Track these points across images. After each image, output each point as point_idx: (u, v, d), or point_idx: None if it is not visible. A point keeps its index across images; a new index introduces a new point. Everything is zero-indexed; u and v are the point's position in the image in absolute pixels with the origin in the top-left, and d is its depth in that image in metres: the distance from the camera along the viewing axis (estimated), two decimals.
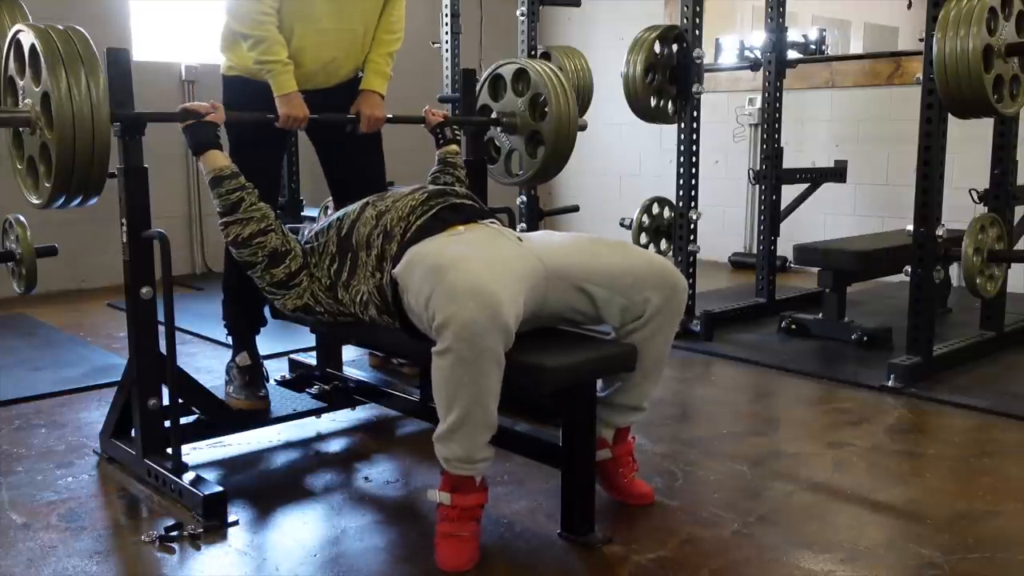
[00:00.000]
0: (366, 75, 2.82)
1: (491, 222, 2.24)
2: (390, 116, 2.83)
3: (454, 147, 2.87)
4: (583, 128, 2.95)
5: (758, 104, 5.58)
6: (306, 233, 2.44)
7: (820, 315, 4.01)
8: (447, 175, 2.81)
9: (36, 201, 2.16)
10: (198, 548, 2.05)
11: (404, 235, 2.12)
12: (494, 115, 3.01)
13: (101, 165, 2.06)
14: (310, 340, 3.41)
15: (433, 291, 1.85)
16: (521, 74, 2.92)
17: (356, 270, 2.20)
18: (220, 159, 2.35)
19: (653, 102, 3.96)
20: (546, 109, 2.86)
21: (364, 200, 2.32)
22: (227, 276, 2.82)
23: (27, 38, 2.04)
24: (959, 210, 4.20)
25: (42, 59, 1.99)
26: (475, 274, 1.84)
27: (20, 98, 2.13)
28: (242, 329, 2.82)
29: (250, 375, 2.78)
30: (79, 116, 1.99)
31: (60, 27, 2.05)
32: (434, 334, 1.85)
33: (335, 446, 2.75)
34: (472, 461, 1.92)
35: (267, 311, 2.73)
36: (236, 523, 2.17)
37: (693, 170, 4.01)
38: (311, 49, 2.67)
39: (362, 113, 2.75)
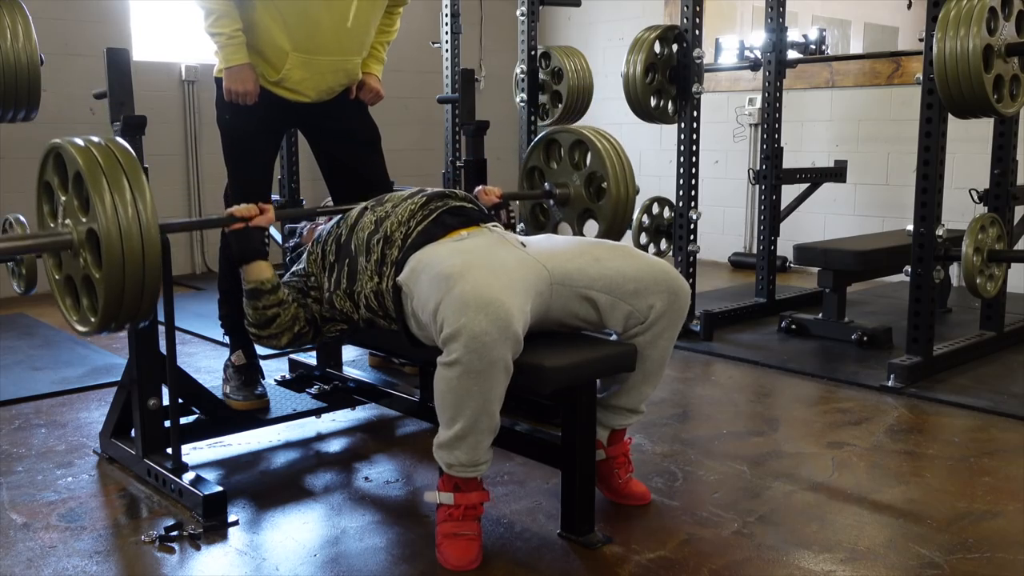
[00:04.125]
0: (367, 61, 2.87)
1: (493, 226, 2.23)
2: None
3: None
4: (637, 193, 2.80)
5: (758, 104, 5.59)
6: (304, 231, 2.44)
7: (820, 315, 4.01)
8: None
9: (82, 329, 2.01)
10: (198, 548, 2.05)
11: (405, 240, 2.10)
12: (546, 184, 2.85)
13: (153, 292, 1.91)
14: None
15: (441, 302, 1.83)
16: (579, 145, 2.76)
17: (356, 275, 2.18)
18: (265, 271, 2.20)
19: (653, 102, 3.96)
20: (603, 186, 2.72)
21: (362, 205, 2.31)
22: (222, 276, 2.82)
23: (71, 161, 1.85)
24: (959, 210, 4.20)
25: (87, 184, 1.81)
26: (484, 285, 1.82)
27: (59, 212, 1.96)
28: (239, 328, 2.82)
29: (246, 374, 2.79)
30: (128, 246, 1.81)
31: (102, 143, 1.88)
32: (441, 344, 1.83)
33: (335, 446, 2.75)
34: (476, 465, 1.92)
35: None
36: (236, 523, 2.17)
37: (693, 170, 4.01)
38: (307, 78, 2.69)
39: (365, 85, 2.84)
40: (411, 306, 2.01)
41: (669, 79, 3.97)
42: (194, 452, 2.63)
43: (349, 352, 3.34)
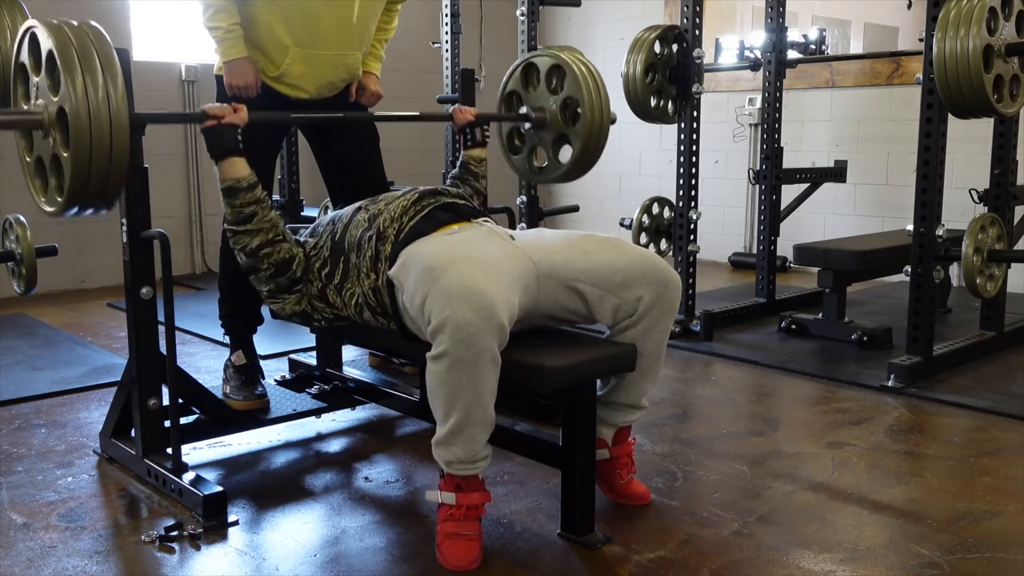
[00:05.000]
0: (366, 59, 2.88)
1: (484, 221, 2.24)
2: (417, 115, 2.84)
3: (481, 152, 2.75)
4: (613, 122, 2.80)
5: (758, 104, 5.59)
6: (304, 236, 2.44)
7: (820, 315, 4.01)
8: (467, 184, 2.72)
9: (48, 209, 2.03)
10: (198, 548, 2.05)
11: (397, 236, 2.12)
12: (523, 107, 2.85)
13: (118, 176, 1.92)
14: (310, 340, 3.41)
15: (427, 294, 1.85)
16: (556, 70, 2.76)
17: (349, 273, 2.20)
18: (241, 167, 2.26)
19: (653, 102, 3.97)
20: (578, 111, 2.73)
21: (356, 204, 2.33)
22: (223, 275, 2.82)
23: (44, 39, 1.88)
24: (959, 210, 4.20)
25: (59, 63, 1.84)
26: (468, 276, 1.84)
27: (32, 94, 2.00)
28: (238, 327, 2.83)
29: (246, 374, 2.79)
30: (96, 128, 1.83)
31: (76, 24, 1.90)
32: (429, 337, 1.84)
33: (335, 446, 2.75)
34: (474, 461, 1.93)
35: (265, 310, 2.73)
36: (236, 523, 2.17)
37: (693, 170, 4.01)
38: (308, 73, 2.70)
39: (366, 87, 2.87)
40: (402, 299, 2.02)
41: (669, 79, 3.97)
42: (194, 452, 2.63)
43: (349, 352, 3.34)
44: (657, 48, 3.92)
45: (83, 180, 1.86)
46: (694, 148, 4.00)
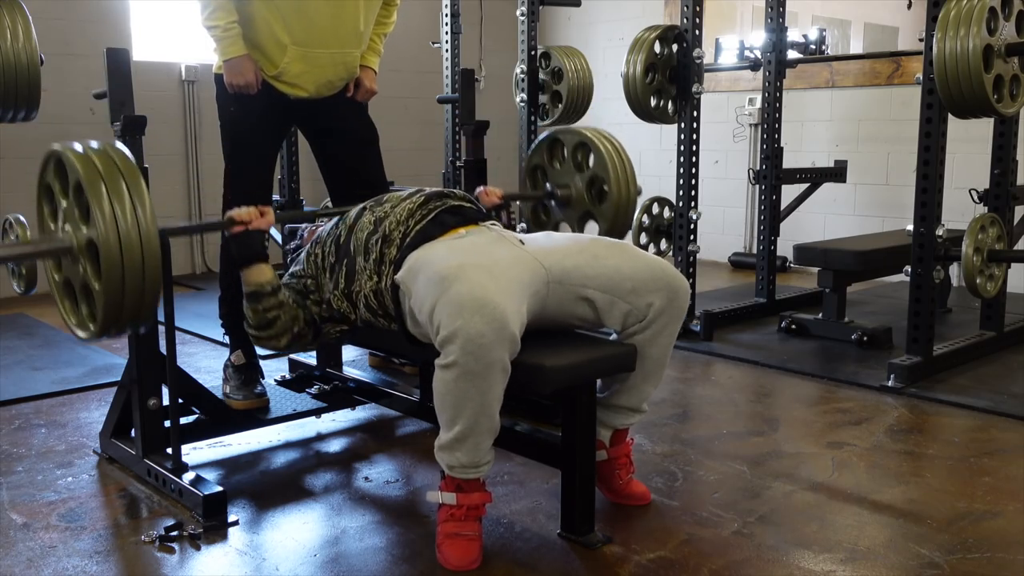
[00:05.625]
0: (365, 54, 2.88)
1: (492, 224, 2.23)
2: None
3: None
4: (639, 193, 2.76)
5: (758, 104, 5.59)
6: (304, 233, 2.43)
7: (820, 315, 4.01)
8: None
9: (81, 335, 1.95)
10: (198, 548, 2.05)
11: (404, 239, 2.10)
12: (548, 184, 2.82)
13: (152, 299, 1.85)
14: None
15: (437, 302, 1.83)
16: (582, 147, 2.73)
17: (354, 276, 2.18)
18: (266, 273, 2.18)
19: (653, 102, 3.96)
20: (604, 189, 2.68)
21: (361, 205, 2.30)
22: (223, 274, 2.82)
23: (71, 169, 1.81)
24: (959, 210, 4.20)
25: (86, 194, 1.77)
26: (479, 286, 1.82)
27: (59, 215, 1.92)
28: (238, 327, 2.82)
29: (246, 374, 2.79)
30: (128, 257, 1.77)
31: (100, 149, 1.84)
32: (438, 346, 1.83)
33: (335, 446, 2.75)
34: (477, 466, 1.92)
35: None
36: (236, 523, 2.17)
37: (693, 170, 4.01)
38: (306, 71, 2.70)
39: (362, 84, 2.86)
40: (409, 304, 2.01)
41: (669, 79, 3.97)
42: (194, 452, 2.63)
43: (349, 352, 3.34)
44: (657, 48, 3.91)
45: (116, 308, 1.82)
46: (694, 148, 4.00)
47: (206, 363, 3.64)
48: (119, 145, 1.88)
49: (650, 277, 2.07)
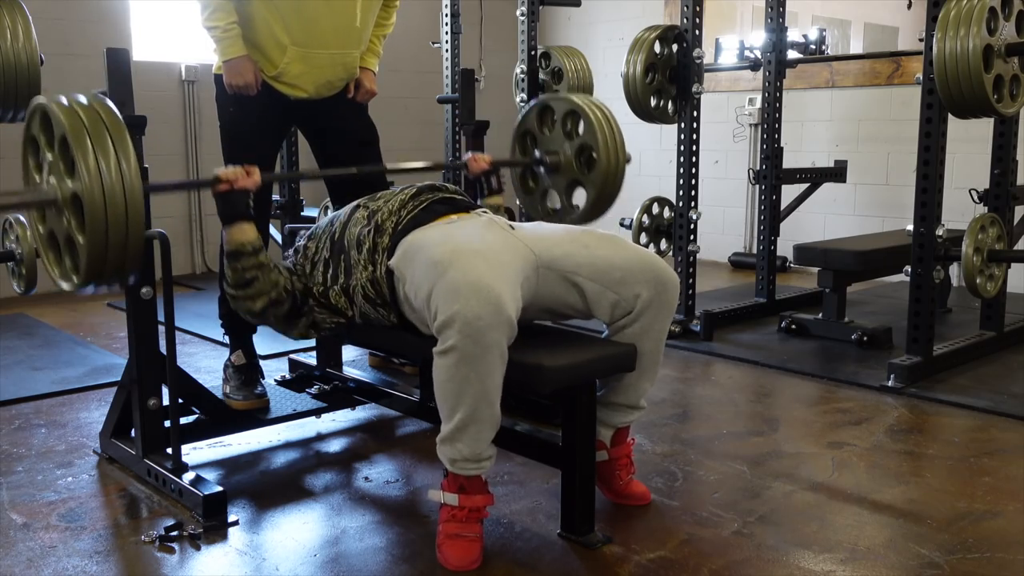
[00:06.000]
0: (364, 55, 2.88)
1: (482, 211, 2.25)
2: (430, 165, 2.81)
3: (498, 199, 2.68)
4: (628, 161, 2.73)
5: (758, 104, 5.59)
6: (303, 239, 2.43)
7: (820, 315, 4.01)
8: None
9: (64, 286, 1.96)
10: (198, 548, 2.05)
11: (396, 227, 2.13)
12: (536, 151, 2.80)
13: (136, 253, 1.85)
14: (310, 340, 3.40)
15: (434, 288, 1.85)
16: (572, 115, 2.71)
17: (351, 269, 2.19)
18: (248, 233, 2.19)
19: (653, 102, 3.97)
20: (593, 156, 2.66)
21: (355, 203, 2.32)
22: (222, 275, 2.81)
23: (56, 122, 1.82)
24: (959, 210, 4.20)
25: (71, 147, 1.78)
26: (475, 270, 1.84)
27: (44, 167, 1.93)
28: (238, 327, 2.83)
29: (246, 374, 2.79)
30: (112, 211, 1.77)
31: (86, 103, 1.84)
32: (436, 332, 1.84)
33: (335, 446, 2.75)
34: (479, 460, 1.92)
35: None
36: (236, 523, 2.17)
37: (693, 170, 4.01)
38: (308, 73, 2.70)
39: (362, 85, 2.87)
40: (404, 290, 2.02)
41: (669, 79, 3.97)
42: (194, 452, 2.63)
43: (349, 352, 3.34)
44: (657, 48, 3.91)
45: (100, 261, 1.82)
46: (694, 148, 4.00)
47: (206, 363, 3.64)
48: (104, 99, 1.87)
49: (639, 268, 2.08)
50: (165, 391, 2.38)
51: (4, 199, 2.01)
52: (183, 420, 2.52)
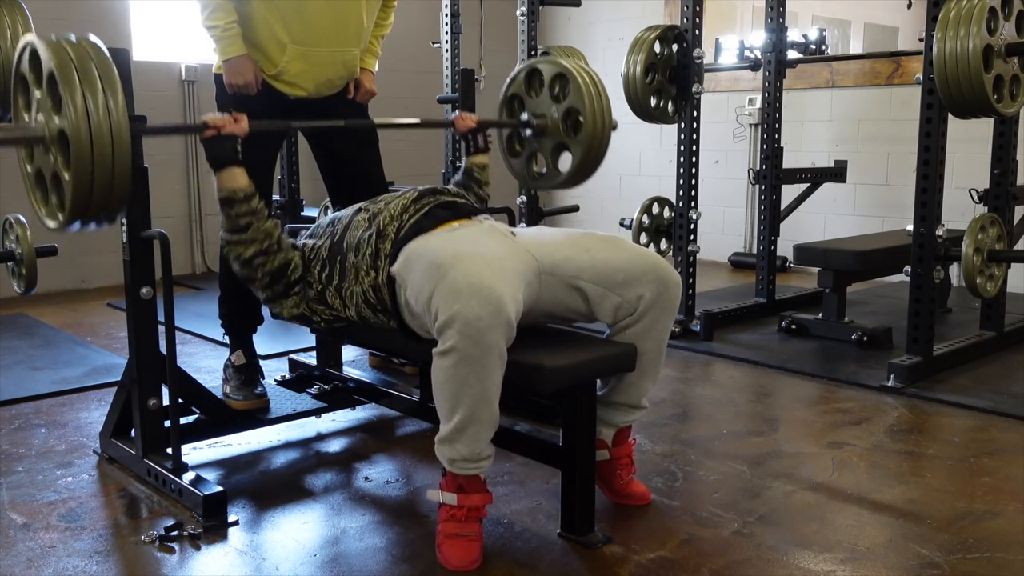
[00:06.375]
0: (364, 56, 2.88)
1: (484, 218, 2.25)
2: (417, 121, 2.81)
3: (484, 158, 2.72)
4: (615, 128, 2.73)
5: (758, 104, 5.59)
6: (303, 238, 2.43)
7: (820, 315, 4.01)
8: (470, 192, 2.69)
9: (50, 224, 1.97)
10: (198, 548, 2.05)
11: (398, 233, 2.12)
12: (524, 112, 2.80)
13: (122, 191, 1.86)
14: (310, 340, 3.41)
15: (434, 290, 1.85)
16: (560, 78, 2.70)
17: (347, 273, 2.19)
18: (239, 178, 2.21)
19: (653, 102, 3.97)
20: (580, 120, 2.67)
21: (356, 205, 2.32)
22: (223, 274, 2.82)
23: (45, 58, 1.82)
24: (959, 210, 4.21)
25: (59, 83, 1.79)
26: (475, 272, 1.84)
27: (33, 106, 1.94)
28: (238, 327, 2.83)
29: (246, 374, 2.79)
30: (98, 147, 1.78)
31: (75, 41, 1.85)
32: (436, 334, 1.85)
33: (335, 446, 2.75)
34: (477, 460, 1.93)
35: (265, 310, 2.73)
36: (236, 523, 2.17)
37: (693, 170, 4.01)
38: (309, 71, 2.70)
39: (362, 85, 2.87)
40: (405, 296, 2.02)
41: (669, 79, 3.97)
42: (194, 452, 2.63)
43: (349, 352, 3.34)
44: (657, 48, 3.92)
45: (85, 198, 1.83)
46: (694, 148, 4.00)
47: (206, 363, 3.64)
48: (93, 38, 1.88)
49: (641, 269, 2.08)
50: (165, 391, 2.38)
51: None
52: (183, 420, 2.52)
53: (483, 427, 1.89)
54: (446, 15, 4.76)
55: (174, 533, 2.09)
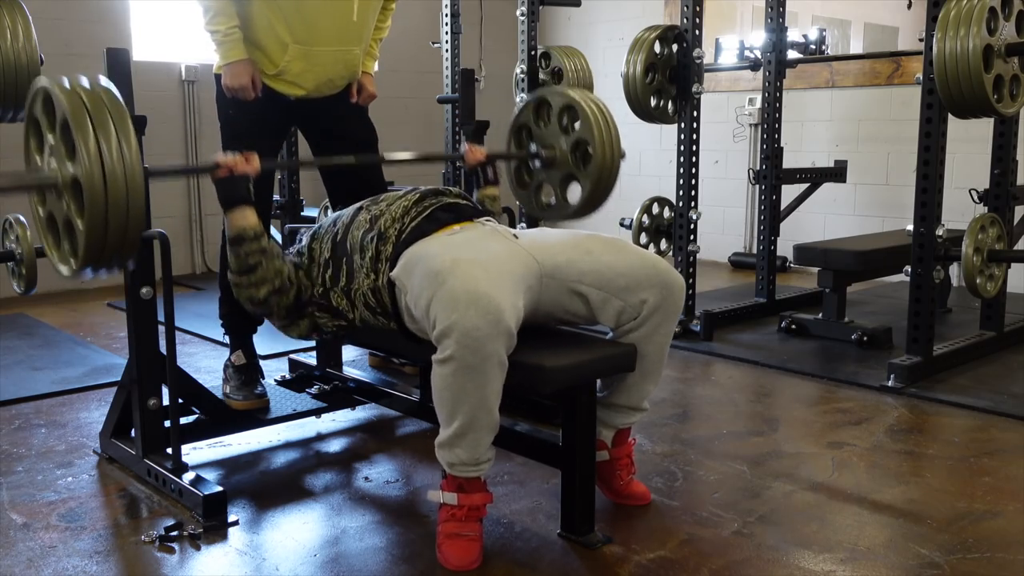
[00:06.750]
0: (363, 59, 2.88)
1: (486, 220, 2.24)
2: (428, 156, 2.79)
3: (494, 190, 2.69)
4: (623, 157, 2.70)
5: (758, 104, 5.59)
6: (304, 239, 2.43)
7: (820, 315, 4.01)
8: None
9: (62, 269, 1.95)
10: (198, 548, 2.05)
11: (399, 236, 2.11)
12: (533, 143, 2.78)
13: (135, 237, 1.84)
14: (310, 340, 3.40)
15: (433, 297, 1.84)
16: (569, 110, 2.69)
17: (352, 274, 2.19)
18: (250, 218, 2.17)
19: (653, 102, 3.97)
20: (589, 151, 2.65)
21: (358, 204, 2.31)
22: (223, 274, 2.82)
23: (58, 105, 1.81)
24: (959, 210, 4.20)
25: (72, 131, 1.77)
26: (474, 280, 1.83)
27: (46, 150, 1.92)
28: (238, 327, 2.83)
29: (246, 374, 2.79)
30: (112, 196, 1.75)
31: (88, 86, 1.83)
32: (435, 341, 1.84)
33: (335, 446, 2.75)
34: (477, 464, 1.92)
35: None
36: (236, 523, 2.17)
37: (693, 170, 4.01)
38: (308, 70, 2.70)
39: (364, 89, 2.88)
40: (405, 301, 2.01)
41: (669, 79, 3.97)
42: (194, 452, 2.63)
43: (349, 352, 3.34)
44: (657, 48, 3.92)
45: (99, 245, 1.81)
46: (694, 148, 4.00)
47: (206, 363, 3.64)
48: (106, 82, 1.86)
49: (644, 274, 2.07)
50: (165, 391, 2.38)
51: (3, 181, 1.99)
52: (183, 420, 2.52)
53: (482, 432, 1.89)
54: (446, 15, 4.76)
55: (174, 533, 2.09)
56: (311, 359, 3.19)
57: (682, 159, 4.01)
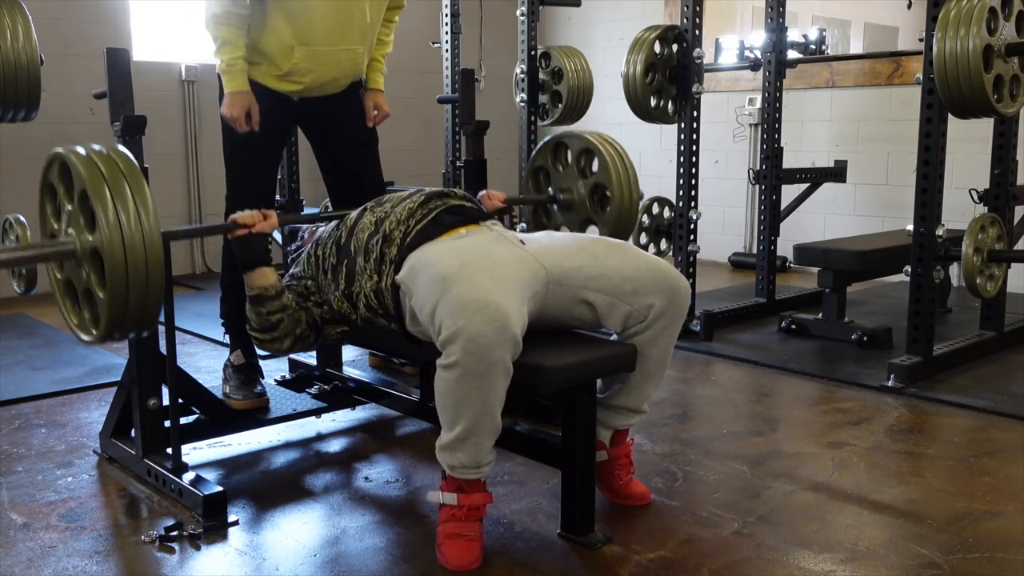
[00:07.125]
0: (372, 75, 2.93)
1: (493, 224, 2.23)
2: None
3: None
4: (641, 198, 2.74)
5: (758, 104, 5.59)
6: (305, 234, 2.43)
7: (820, 315, 4.01)
8: None
9: (84, 338, 1.95)
10: (198, 548, 2.05)
11: (404, 239, 2.10)
12: (550, 188, 2.81)
13: (155, 304, 1.84)
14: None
15: (438, 303, 1.83)
16: (587, 153, 2.71)
17: (354, 276, 2.19)
18: (269, 277, 2.18)
19: (653, 102, 3.96)
20: (607, 194, 2.67)
21: (362, 207, 2.31)
22: (224, 274, 2.82)
23: (76, 175, 1.80)
24: (959, 210, 4.20)
25: (91, 200, 1.76)
26: (481, 287, 1.82)
27: (63, 217, 1.91)
28: (238, 327, 2.83)
29: (246, 374, 2.79)
30: (132, 264, 1.75)
31: (105, 153, 1.82)
32: (440, 346, 1.83)
33: (335, 446, 2.75)
34: (478, 466, 1.92)
35: None
36: (236, 523, 2.17)
37: (693, 170, 4.01)
38: (313, 69, 2.71)
39: (379, 109, 2.92)
40: (409, 304, 2.01)
41: (669, 79, 3.96)
42: (194, 452, 2.63)
43: (349, 352, 3.34)
44: (657, 48, 3.91)
45: (120, 314, 1.81)
46: (694, 148, 4.00)
47: (206, 363, 3.64)
48: (121, 148, 1.86)
49: (651, 279, 2.06)
50: (165, 391, 2.38)
51: (23, 252, 1.98)
52: (183, 420, 2.52)
53: (484, 437, 1.89)
54: (446, 15, 4.76)
55: (174, 533, 2.09)
56: (311, 359, 3.19)
57: (682, 159, 4.01)
